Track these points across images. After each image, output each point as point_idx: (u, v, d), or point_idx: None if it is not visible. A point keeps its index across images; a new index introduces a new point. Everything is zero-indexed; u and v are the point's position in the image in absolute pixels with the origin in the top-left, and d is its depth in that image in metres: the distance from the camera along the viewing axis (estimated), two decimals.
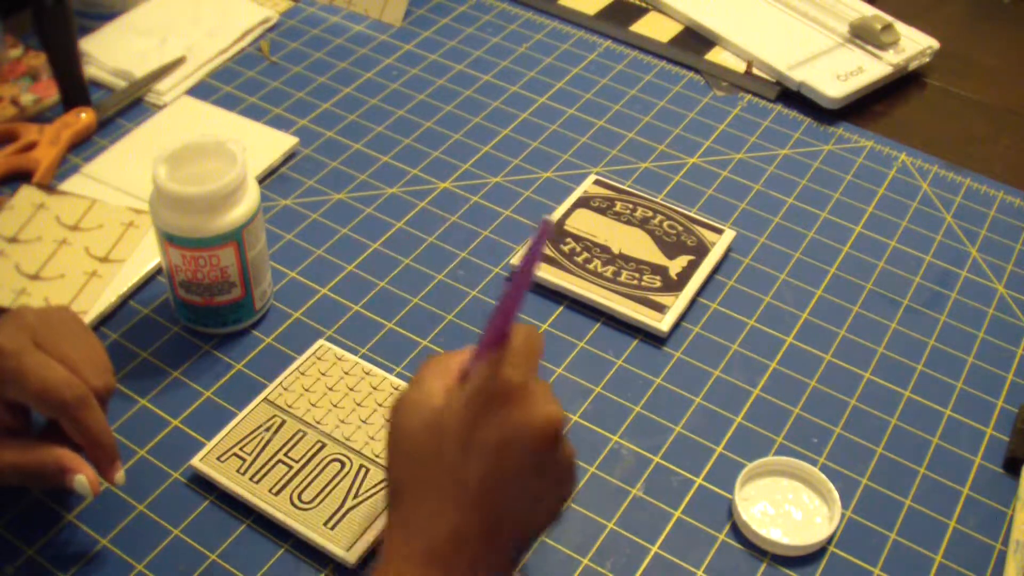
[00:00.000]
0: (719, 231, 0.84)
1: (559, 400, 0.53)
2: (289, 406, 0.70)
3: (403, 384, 0.72)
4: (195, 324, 0.75)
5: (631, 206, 0.86)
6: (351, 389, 0.71)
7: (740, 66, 1.02)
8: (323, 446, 0.68)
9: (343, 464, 0.67)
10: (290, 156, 0.91)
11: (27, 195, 0.84)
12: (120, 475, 0.62)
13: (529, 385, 0.52)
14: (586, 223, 0.84)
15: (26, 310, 0.62)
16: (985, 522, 0.68)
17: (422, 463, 0.52)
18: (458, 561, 0.51)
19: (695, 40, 1.06)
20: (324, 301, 0.79)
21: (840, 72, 0.99)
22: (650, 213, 0.85)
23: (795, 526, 0.66)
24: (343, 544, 0.63)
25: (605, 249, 0.82)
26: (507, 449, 0.51)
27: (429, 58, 1.03)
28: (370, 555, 0.63)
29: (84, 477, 0.60)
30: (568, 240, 0.82)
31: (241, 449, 0.67)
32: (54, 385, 0.58)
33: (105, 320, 0.77)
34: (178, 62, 0.99)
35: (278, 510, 0.64)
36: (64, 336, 0.61)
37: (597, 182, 0.88)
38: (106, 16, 1.03)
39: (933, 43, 1.04)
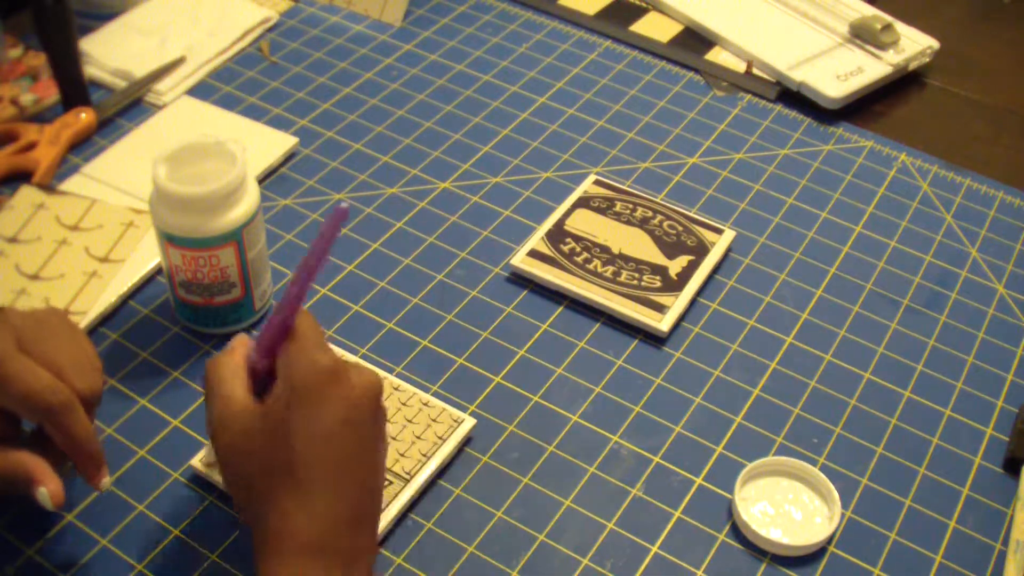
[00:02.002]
0: (719, 231, 0.84)
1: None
2: None
3: (403, 384, 0.72)
4: (195, 324, 0.75)
5: (631, 206, 0.86)
6: None
7: (740, 66, 1.02)
8: None
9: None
10: (290, 156, 0.91)
11: (27, 195, 0.84)
12: (105, 481, 0.61)
13: (339, 361, 0.54)
14: (586, 223, 0.84)
15: (12, 312, 0.61)
16: (985, 522, 0.68)
17: (270, 472, 0.53)
18: (338, 550, 0.53)
19: (695, 40, 1.06)
20: (324, 301, 0.79)
21: (840, 72, 0.99)
22: (650, 213, 0.85)
23: (795, 526, 0.66)
24: None
25: (605, 249, 0.82)
26: (348, 426, 0.53)
27: (429, 58, 1.03)
28: None
29: (46, 490, 0.58)
30: (568, 240, 0.82)
31: None
32: (37, 390, 0.57)
33: (105, 320, 0.77)
34: (178, 62, 0.99)
35: None
36: (50, 339, 0.60)
37: (597, 182, 0.88)
38: (106, 16, 1.03)
39: (933, 43, 1.04)
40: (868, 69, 1.00)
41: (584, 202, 0.86)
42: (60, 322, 0.63)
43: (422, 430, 0.69)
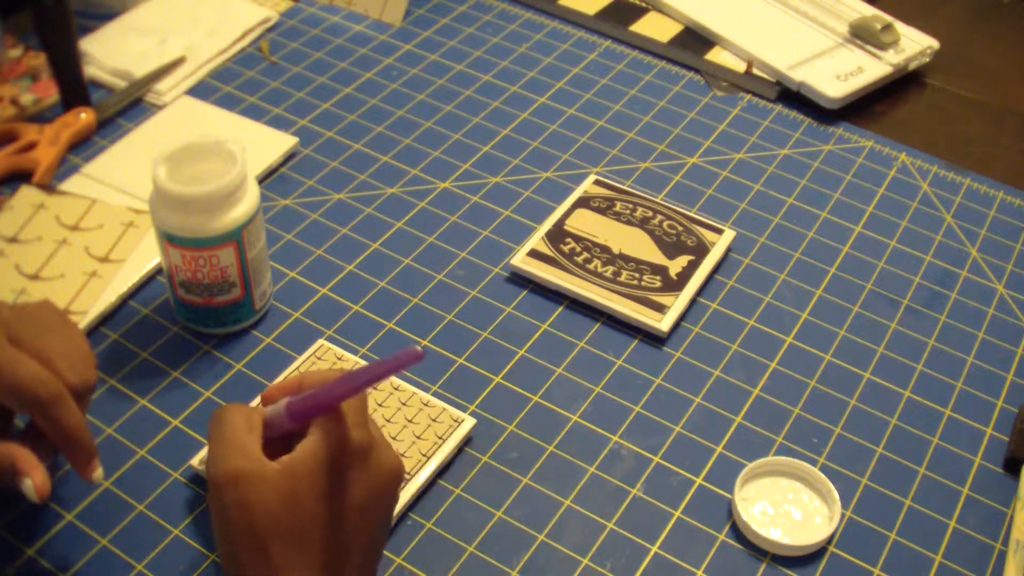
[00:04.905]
0: (719, 231, 0.84)
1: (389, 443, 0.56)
2: None
3: (403, 384, 0.72)
4: (195, 324, 0.75)
5: (631, 206, 0.86)
6: None
7: (740, 66, 1.02)
8: None
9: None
10: (290, 156, 0.91)
11: (27, 195, 0.84)
12: (97, 473, 0.61)
13: (370, 442, 0.53)
14: (586, 223, 0.84)
15: (2, 306, 0.61)
16: (985, 522, 0.68)
17: (288, 535, 0.51)
18: None
19: (695, 40, 1.06)
20: (324, 301, 0.79)
21: (840, 72, 0.99)
22: (650, 213, 0.85)
23: (795, 526, 0.66)
24: None
25: (605, 249, 0.82)
26: (373, 505, 0.53)
27: (429, 58, 1.03)
28: None
29: (31, 481, 0.58)
30: (568, 240, 0.82)
31: None
32: (26, 382, 0.57)
33: (105, 320, 0.77)
34: (178, 62, 0.99)
35: None
36: (41, 331, 0.60)
37: (597, 182, 0.88)
38: (106, 16, 1.03)
39: (933, 43, 1.04)
40: (868, 69, 1.00)
41: (584, 202, 0.86)
42: (51, 315, 0.62)
43: (422, 430, 0.69)
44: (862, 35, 1.03)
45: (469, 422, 0.70)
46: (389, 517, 0.56)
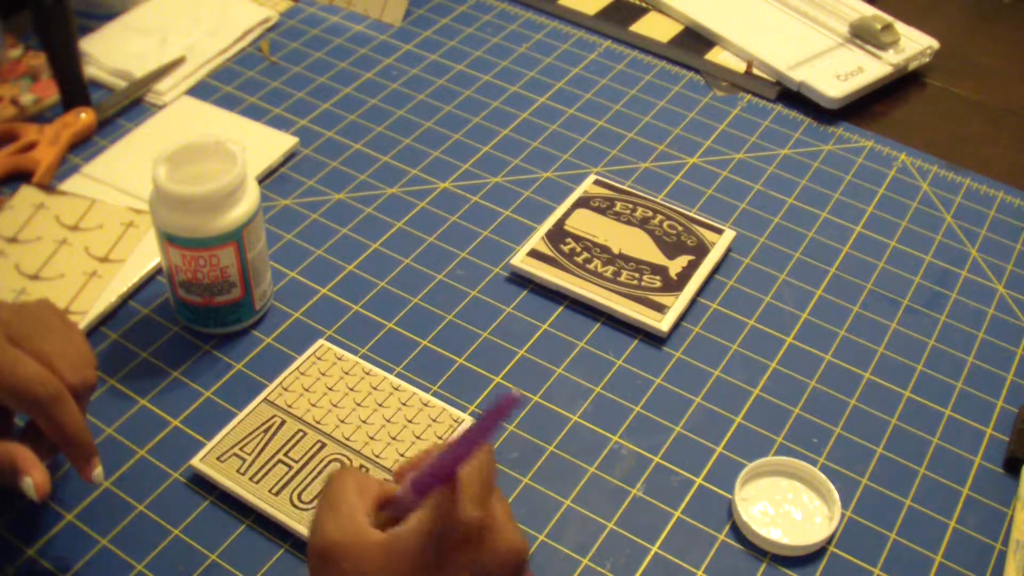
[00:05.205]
0: (719, 231, 0.84)
1: (516, 522, 0.50)
2: (289, 406, 0.70)
3: (403, 384, 0.72)
4: (195, 324, 0.75)
5: (631, 206, 0.86)
6: (351, 389, 0.71)
7: (740, 66, 1.02)
8: (323, 446, 0.68)
9: (343, 464, 0.67)
10: (290, 156, 0.91)
11: (27, 195, 0.84)
12: (97, 472, 0.61)
13: (488, 518, 0.47)
14: (586, 223, 0.84)
15: (1, 305, 0.61)
16: (985, 522, 0.68)
17: None
18: None
19: (695, 40, 1.06)
20: (324, 301, 0.79)
21: (840, 72, 0.99)
22: (650, 213, 0.85)
23: (795, 526, 0.66)
24: None
25: (605, 249, 0.82)
26: None
27: (429, 58, 1.03)
28: None
29: (31, 480, 0.58)
30: (568, 240, 0.82)
31: (241, 449, 0.67)
32: (26, 382, 0.57)
33: (105, 320, 0.77)
34: (178, 62, 0.99)
35: (278, 510, 0.64)
36: (40, 331, 0.60)
37: (597, 182, 0.88)
38: (106, 16, 1.03)
39: (933, 43, 1.04)
40: (868, 69, 1.00)
41: (584, 202, 0.86)
42: (51, 315, 0.62)
43: (422, 430, 0.69)
44: (862, 35, 1.03)
45: (469, 422, 0.70)
46: None
